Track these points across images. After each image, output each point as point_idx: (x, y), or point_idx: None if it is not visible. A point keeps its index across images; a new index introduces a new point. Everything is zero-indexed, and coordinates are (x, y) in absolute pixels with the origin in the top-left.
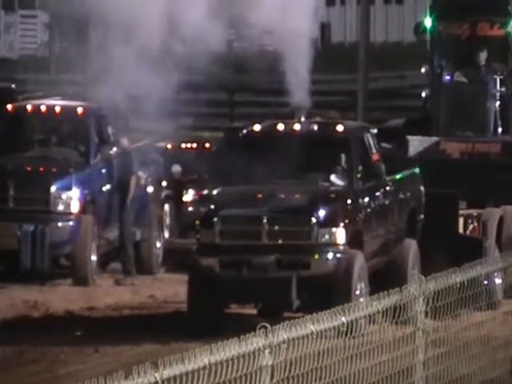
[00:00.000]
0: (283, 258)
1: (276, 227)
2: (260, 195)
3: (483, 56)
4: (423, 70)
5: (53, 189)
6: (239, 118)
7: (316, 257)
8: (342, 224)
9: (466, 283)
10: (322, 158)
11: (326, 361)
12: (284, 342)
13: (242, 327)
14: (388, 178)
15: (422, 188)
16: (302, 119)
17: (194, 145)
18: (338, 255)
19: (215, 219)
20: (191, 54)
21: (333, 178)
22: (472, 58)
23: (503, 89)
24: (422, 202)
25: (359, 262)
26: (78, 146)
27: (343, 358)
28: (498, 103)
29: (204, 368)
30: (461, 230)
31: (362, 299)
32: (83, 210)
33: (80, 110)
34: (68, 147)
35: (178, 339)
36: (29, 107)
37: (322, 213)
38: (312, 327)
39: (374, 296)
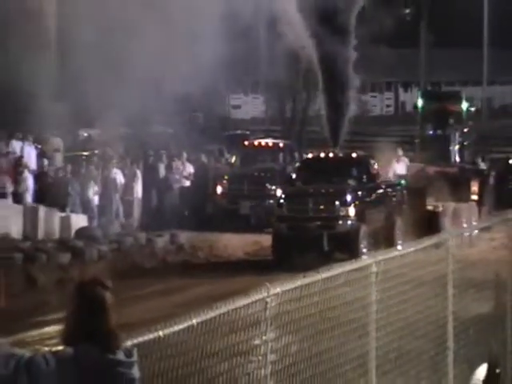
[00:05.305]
0: (321, 223)
1: (317, 206)
2: (309, 190)
3: (450, 120)
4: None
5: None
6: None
7: (339, 222)
8: (352, 205)
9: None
10: (344, 170)
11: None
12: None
13: (308, 266)
14: (381, 183)
15: (405, 191)
16: (336, 150)
17: None
18: (351, 222)
19: (284, 202)
20: None
21: (349, 181)
22: (444, 121)
23: (460, 139)
24: (404, 198)
25: (363, 228)
26: (281, 164)
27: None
28: (457, 146)
29: (296, 288)
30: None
31: (364, 250)
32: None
33: (281, 144)
34: (275, 164)
35: (280, 271)
36: (255, 143)
37: (342, 199)
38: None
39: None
